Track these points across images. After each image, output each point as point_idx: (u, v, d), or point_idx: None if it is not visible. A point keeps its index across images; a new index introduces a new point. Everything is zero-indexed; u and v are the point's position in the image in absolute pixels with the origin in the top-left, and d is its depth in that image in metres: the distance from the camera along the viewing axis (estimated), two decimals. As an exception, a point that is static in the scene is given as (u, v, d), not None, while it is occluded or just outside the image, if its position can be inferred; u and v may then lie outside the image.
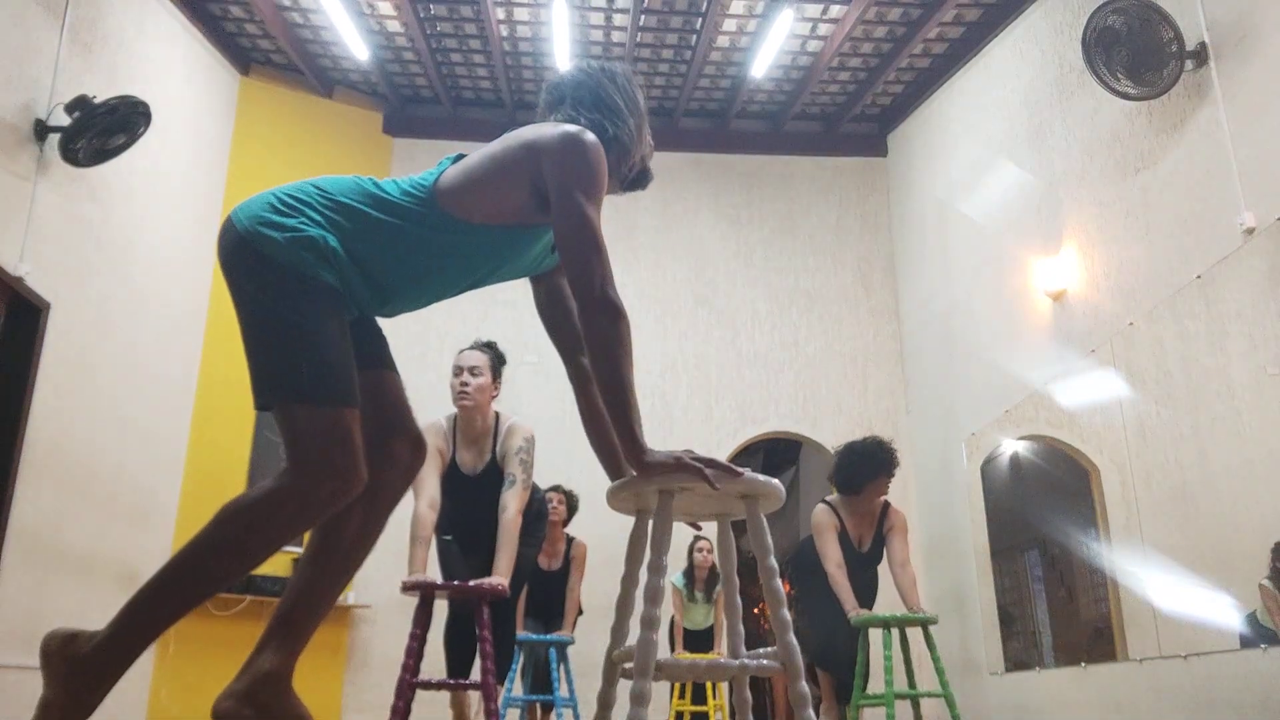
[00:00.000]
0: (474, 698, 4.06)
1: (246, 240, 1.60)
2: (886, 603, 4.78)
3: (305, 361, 1.56)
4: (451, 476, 3.65)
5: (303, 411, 1.55)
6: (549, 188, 1.68)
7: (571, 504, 5.58)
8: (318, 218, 1.63)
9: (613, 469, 1.84)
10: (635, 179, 1.97)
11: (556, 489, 5.49)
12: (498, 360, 3.71)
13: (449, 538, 3.76)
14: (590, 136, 1.71)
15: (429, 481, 3.53)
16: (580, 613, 5.49)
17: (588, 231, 1.64)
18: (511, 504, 3.49)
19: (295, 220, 1.61)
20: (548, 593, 5.41)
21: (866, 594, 4.55)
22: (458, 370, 3.62)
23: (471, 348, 3.70)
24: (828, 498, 4.65)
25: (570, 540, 5.53)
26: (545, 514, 4.26)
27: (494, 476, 3.61)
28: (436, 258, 1.71)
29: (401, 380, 1.83)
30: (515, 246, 1.76)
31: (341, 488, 1.55)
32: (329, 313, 1.60)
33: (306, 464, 1.54)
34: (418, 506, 3.48)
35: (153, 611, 1.56)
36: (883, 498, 4.58)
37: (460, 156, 1.80)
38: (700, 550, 6.34)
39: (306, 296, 1.58)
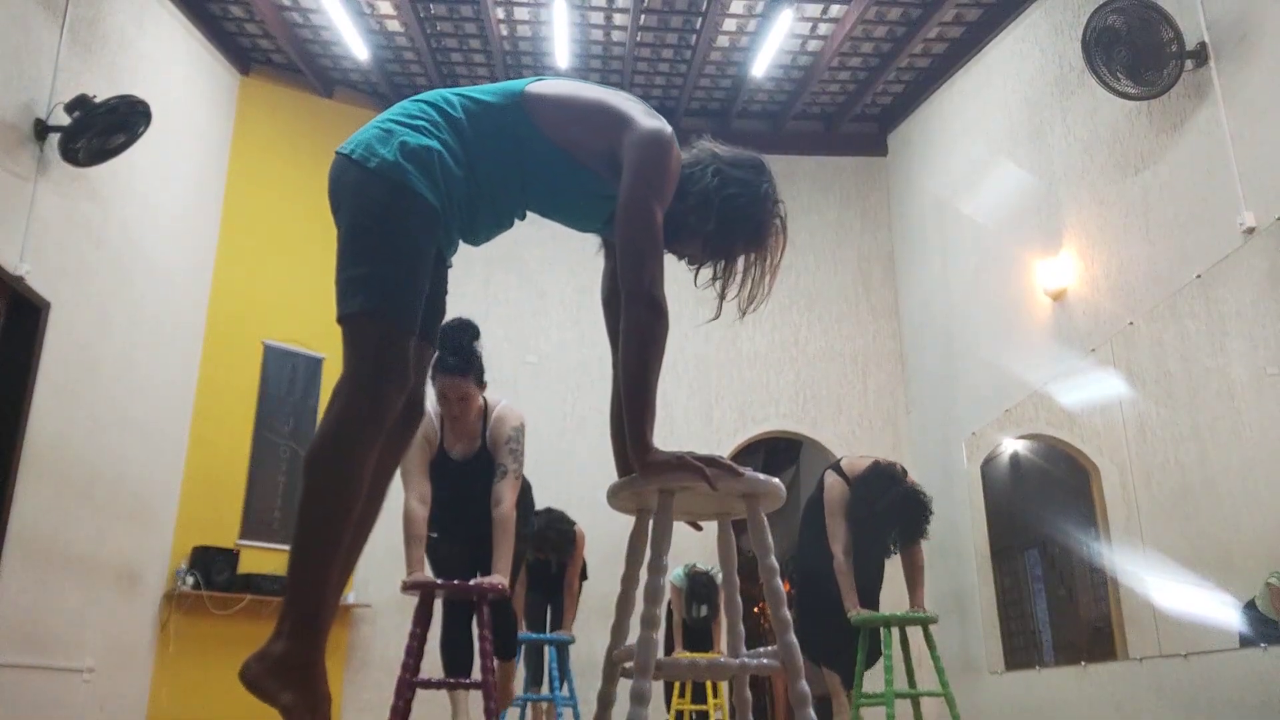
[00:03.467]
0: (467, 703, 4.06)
1: (354, 160, 1.69)
2: (890, 594, 4.78)
3: (383, 277, 1.64)
4: (441, 464, 3.56)
5: (367, 325, 1.63)
6: (624, 170, 1.73)
7: (563, 543, 5.30)
8: (425, 123, 1.72)
9: (624, 466, 1.84)
10: (685, 250, 1.86)
11: (539, 541, 5.15)
12: (480, 372, 3.49)
13: (434, 535, 3.69)
14: (670, 137, 1.75)
15: (417, 475, 3.43)
16: (585, 576, 5.43)
17: (650, 229, 1.69)
18: (506, 496, 3.44)
19: (402, 133, 1.70)
20: (547, 582, 5.38)
21: (876, 559, 4.52)
22: (444, 400, 3.42)
23: (450, 373, 3.39)
24: (841, 464, 4.58)
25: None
26: (533, 506, 4.22)
27: (485, 463, 3.55)
28: (514, 153, 1.77)
29: (430, 355, 1.91)
30: (576, 180, 1.80)
31: (395, 386, 1.64)
32: (421, 235, 1.68)
33: (359, 372, 1.62)
34: (408, 502, 3.42)
35: (307, 572, 1.59)
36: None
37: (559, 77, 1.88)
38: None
39: (404, 213, 1.66)
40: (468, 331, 3.44)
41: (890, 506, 4.31)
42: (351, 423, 1.61)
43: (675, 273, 1.83)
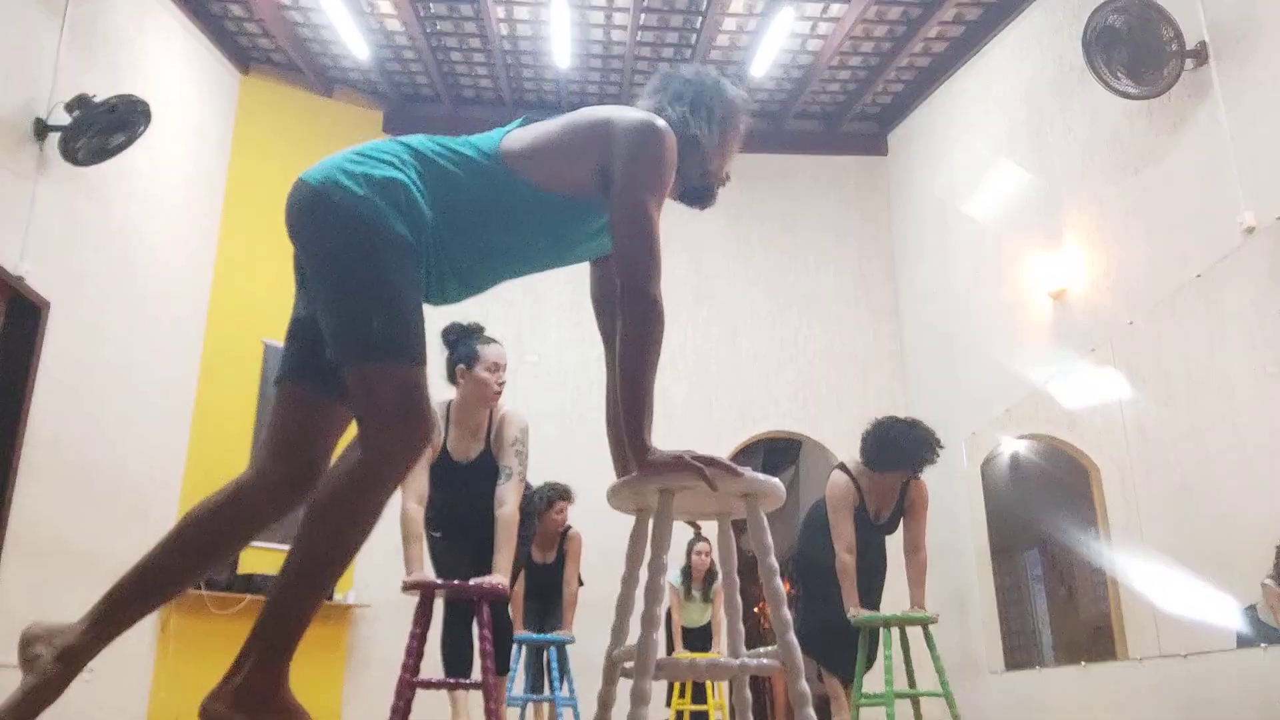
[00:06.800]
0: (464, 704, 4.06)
1: (320, 192, 1.59)
2: (891, 594, 4.77)
3: (378, 318, 1.55)
4: (442, 463, 3.59)
5: (376, 370, 1.54)
6: (615, 171, 1.68)
7: (565, 491, 5.53)
8: (393, 159, 1.63)
9: (622, 466, 1.83)
10: (696, 194, 1.99)
11: (557, 492, 5.39)
12: None
13: (438, 534, 3.71)
14: (664, 127, 1.72)
15: (415, 474, 3.45)
16: (581, 583, 5.45)
17: (645, 225, 1.65)
18: (509, 498, 3.46)
19: (369, 165, 1.61)
20: (544, 585, 5.39)
21: (875, 566, 4.51)
22: (494, 367, 3.58)
23: (497, 343, 3.71)
24: (847, 463, 4.58)
25: (565, 531, 5.48)
26: (535, 511, 4.24)
27: (487, 465, 3.57)
28: (499, 217, 1.70)
29: (347, 414, 1.74)
30: (576, 219, 1.75)
31: (418, 440, 1.54)
32: (402, 266, 1.58)
33: (383, 422, 1.53)
34: (405, 502, 3.42)
35: (296, 613, 1.55)
36: None
37: (527, 121, 1.79)
38: (699, 553, 6.33)
39: (380, 249, 1.56)
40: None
41: (901, 436, 4.38)
42: (381, 468, 1.53)
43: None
